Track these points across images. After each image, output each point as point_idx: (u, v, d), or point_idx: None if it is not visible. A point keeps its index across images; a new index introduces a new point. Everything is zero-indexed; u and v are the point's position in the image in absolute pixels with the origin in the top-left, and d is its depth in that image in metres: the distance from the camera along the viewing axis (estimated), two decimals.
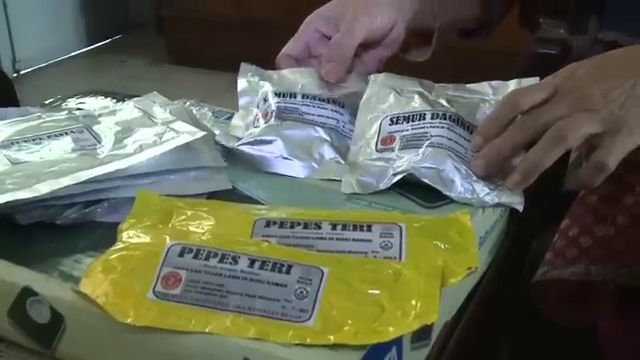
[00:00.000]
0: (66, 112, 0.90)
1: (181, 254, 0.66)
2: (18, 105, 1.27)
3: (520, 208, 0.83)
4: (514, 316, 1.04)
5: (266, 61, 1.01)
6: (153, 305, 0.62)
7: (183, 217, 0.74)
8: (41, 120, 0.88)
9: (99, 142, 0.85)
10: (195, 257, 0.66)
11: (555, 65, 0.90)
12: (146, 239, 0.69)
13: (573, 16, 1.24)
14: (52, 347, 0.66)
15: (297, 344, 0.59)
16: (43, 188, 0.73)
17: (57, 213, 0.75)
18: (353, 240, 0.71)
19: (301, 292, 0.63)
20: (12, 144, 0.83)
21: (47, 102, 1.03)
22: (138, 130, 0.87)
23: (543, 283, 0.90)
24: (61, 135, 0.85)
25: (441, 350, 0.80)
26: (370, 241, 0.70)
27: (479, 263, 0.70)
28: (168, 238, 0.68)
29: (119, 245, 0.68)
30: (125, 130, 0.87)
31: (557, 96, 0.83)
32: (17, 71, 3.28)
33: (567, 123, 0.80)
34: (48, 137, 0.85)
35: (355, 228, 0.73)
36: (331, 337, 0.59)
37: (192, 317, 0.61)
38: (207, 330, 0.60)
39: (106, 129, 0.87)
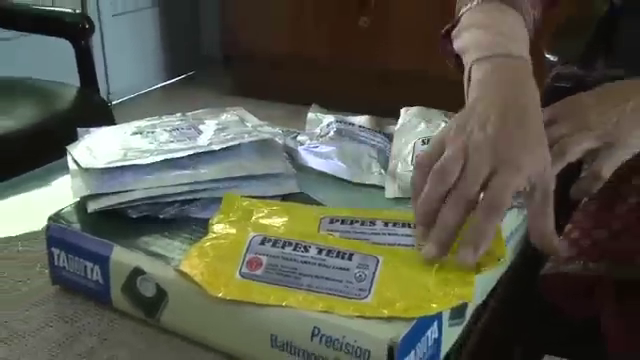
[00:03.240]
0: (180, 114, 0.94)
1: (262, 243, 0.68)
2: None
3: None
4: (530, 310, 1.04)
5: (315, 92, 1.03)
6: (240, 283, 0.64)
7: (261, 214, 0.76)
8: (160, 120, 0.92)
9: (199, 134, 0.87)
10: (273, 246, 0.68)
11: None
12: (232, 231, 0.71)
13: (585, 58, 1.25)
14: (156, 317, 0.68)
15: (358, 316, 0.60)
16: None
17: (160, 209, 0.77)
18: (402, 235, 0.72)
19: (360, 275, 0.65)
20: (140, 134, 0.86)
21: None
22: (231, 126, 0.90)
23: (551, 278, 0.90)
24: (173, 132, 0.88)
25: (468, 335, 0.81)
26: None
27: (506, 254, 0.71)
28: (251, 230, 0.70)
29: (211, 235, 0.71)
30: (223, 127, 0.89)
31: (559, 119, 0.82)
32: (110, 101, 3.24)
33: (569, 140, 0.80)
34: (166, 131, 0.88)
35: (403, 225, 0.74)
36: (385, 311, 0.61)
37: (271, 293, 0.63)
38: (284, 304, 0.61)
39: (208, 127, 0.89)
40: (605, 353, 0.95)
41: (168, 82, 3.27)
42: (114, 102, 3.26)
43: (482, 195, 0.69)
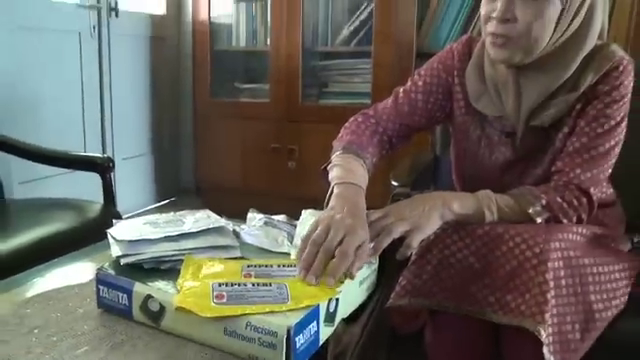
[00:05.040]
0: (172, 213, 1.00)
1: (219, 285, 0.79)
2: None
3: (373, 263, 0.91)
4: (385, 329, 1.06)
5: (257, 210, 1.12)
6: (216, 307, 0.74)
7: (206, 267, 0.86)
8: (160, 216, 0.98)
9: (184, 224, 0.94)
10: (226, 286, 0.78)
11: None
12: (197, 284, 0.80)
13: (415, 183, 1.36)
14: (159, 323, 0.78)
15: (287, 310, 0.72)
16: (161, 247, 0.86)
17: (161, 264, 0.87)
18: (287, 271, 0.85)
19: (280, 292, 0.77)
20: (149, 224, 0.94)
21: None
22: (202, 220, 0.97)
23: (392, 309, 0.98)
24: (168, 222, 0.95)
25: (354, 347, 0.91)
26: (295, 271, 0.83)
27: (353, 276, 0.83)
28: (209, 281, 0.80)
29: (186, 287, 0.79)
30: (197, 220, 0.96)
31: (388, 214, 0.92)
32: None
33: (392, 225, 0.90)
34: (164, 222, 0.95)
35: (291, 266, 0.86)
36: (301, 305, 0.74)
37: (237, 309, 0.73)
38: (247, 312, 0.71)
39: (188, 220, 0.96)
40: None
41: (157, 205, 3.22)
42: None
43: (338, 249, 0.83)
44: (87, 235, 1.26)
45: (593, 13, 1.01)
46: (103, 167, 1.64)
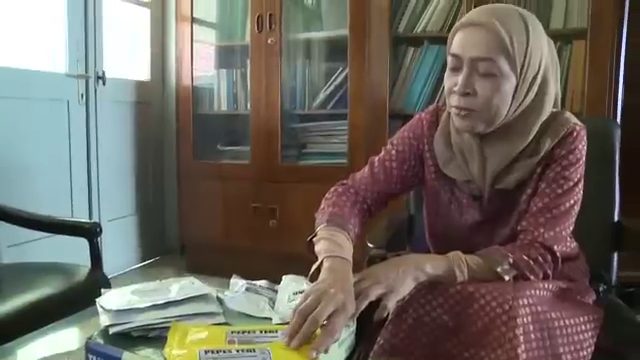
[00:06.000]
0: (158, 281, 1.01)
1: (206, 352, 0.80)
2: None
3: (351, 325, 0.91)
4: None
5: (240, 268, 1.12)
6: None
7: (191, 333, 0.86)
8: (147, 285, 0.99)
9: (170, 292, 0.95)
10: (212, 353, 0.79)
11: None
12: (184, 351, 0.81)
13: (390, 244, 1.34)
14: None
15: None
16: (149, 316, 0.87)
17: (149, 331, 0.88)
18: (269, 337, 0.86)
19: (264, 358, 0.79)
20: (137, 292, 0.94)
21: None
22: (187, 287, 0.98)
23: None
24: (155, 291, 0.96)
25: None
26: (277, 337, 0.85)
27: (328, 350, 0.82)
28: (196, 348, 0.81)
29: (175, 353, 0.80)
30: (182, 288, 0.97)
31: (364, 278, 0.93)
32: None
33: (369, 289, 0.91)
34: (151, 291, 0.96)
35: (273, 332, 0.87)
36: None
37: None
38: None
39: (174, 287, 0.97)
40: None
41: (141, 264, 3.19)
42: None
43: (326, 325, 0.83)
44: (76, 299, 1.26)
45: (546, 85, 1.07)
46: (91, 232, 1.64)
